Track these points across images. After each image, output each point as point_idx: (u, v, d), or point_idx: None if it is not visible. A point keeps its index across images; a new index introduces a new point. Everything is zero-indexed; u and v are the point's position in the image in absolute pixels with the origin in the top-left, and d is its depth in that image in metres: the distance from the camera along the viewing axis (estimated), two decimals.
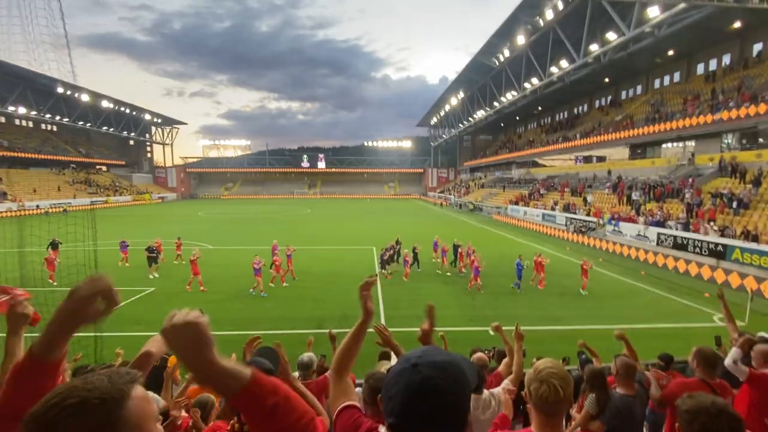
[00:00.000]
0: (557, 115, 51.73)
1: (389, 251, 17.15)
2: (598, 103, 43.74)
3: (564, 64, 32.16)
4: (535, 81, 37.45)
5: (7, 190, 44.89)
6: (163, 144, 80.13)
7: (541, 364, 1.59)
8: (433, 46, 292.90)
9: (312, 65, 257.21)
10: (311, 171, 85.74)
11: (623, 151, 36.68)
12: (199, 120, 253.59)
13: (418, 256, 17.59)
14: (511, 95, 43.30)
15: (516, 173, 54.19)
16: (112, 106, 59.60)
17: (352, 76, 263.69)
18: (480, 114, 54.46)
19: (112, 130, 64.49)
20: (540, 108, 52.35)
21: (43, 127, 60.33)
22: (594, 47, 28.17)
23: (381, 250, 17.21)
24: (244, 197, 77.35)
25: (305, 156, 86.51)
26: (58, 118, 54.91)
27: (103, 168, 69.05)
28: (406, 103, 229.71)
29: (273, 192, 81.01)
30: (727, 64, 28.36)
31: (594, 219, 25.88)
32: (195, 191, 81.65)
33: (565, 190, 35.12)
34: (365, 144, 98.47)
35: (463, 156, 76.91)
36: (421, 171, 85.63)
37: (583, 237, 25.43)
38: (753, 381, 3.04)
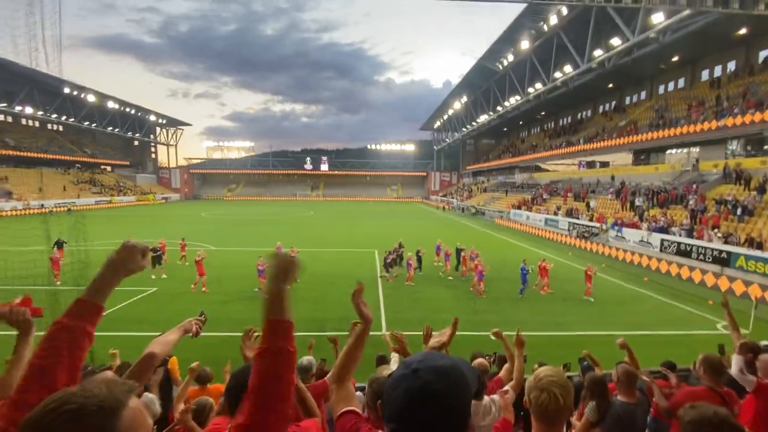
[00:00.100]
0: (561, 120, 51.68)
1: (392, 254, 17.12)
2: (602, 109, 43.68)
3: (568, 69, 32.16)
4: (538, 86, 37.45)
5: (13, 190, 45.23)
6: (167, 145, 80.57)
7: (542, 371, 1.57)
8: (437, 50, 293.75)
9: (316, 68, 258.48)
10: (314, 173, 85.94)
11: (627, 157, 36.60)
12: (204, 121, 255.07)
13: (422, 259, 17.56)
14: (514, 100, 43.33)
15: (519, 178, 54.11)
16: (117, 106, 60.06)
17: (356, 79, 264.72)
18: (483, 118, 54.50)
19: (117, 130, 65.00)
20: (543, 113, 52.34)
21: (49, 127, 60.82)
22: (598, 52, 28.16)
23: (385, 253, 17.18)
24: (247, 198, 77.59)
25: (308, 158, 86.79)
26: (64, 118, 55.37)
27: (108, 168, 69.57)
28: (409, 107, 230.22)
29: (276, 194, 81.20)
30: (732, 70, 28.29)
31: (597, 224, 25.79)
32: (198, 192, 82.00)
33: (568, 195, 35.03)
34: (368, 147, 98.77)
35: (466, 160, 76.89)
36: (424, 174, 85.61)
37: (585, 242, 25.35)
38: (760, 391, 3.00)
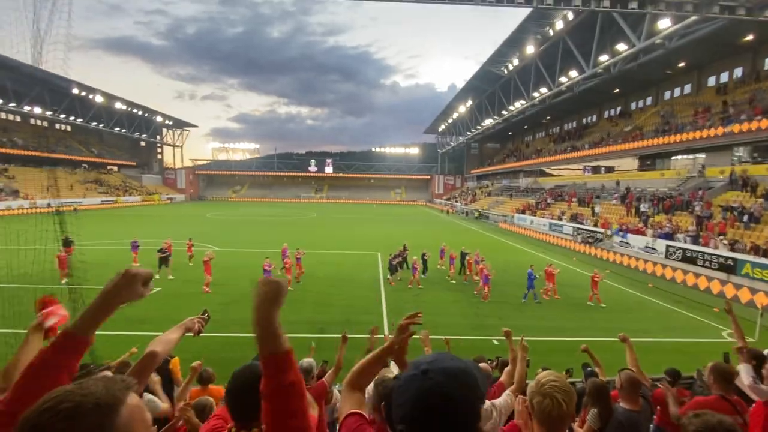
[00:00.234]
0: (566, 125, 51.54)
1: (397, 258, 17.03)
2: (607, 114, 43.54)
3: (573, 74, 32.10)
4: (543, 90, 37.42)
5: (20, 188, 45.70)
6: (173, 146, 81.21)
7: (544, 376, 1.56)
8: (443, 53, 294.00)
9: (322, 71, 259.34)
10: (318, 175, 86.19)
11: (632, 162, 36.38)
12: (210, 123, 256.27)
13: (427, 263, 17.50)
14: (519, 104, 43.29)
15: (523, 182, 53.96)
16: (124, 107, 60.63)
17: (362, 82, 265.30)
18: (488, 122, 54.48)
19: (124, 131, 65.60)
20: (548, 117, 52.22)
21: (57, 127, 61.45)
22: (604, 58, 28.09)
23: (390, 255, 17.13)
24: (252, 200, 77.91)
25: (313, 160, 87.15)
26: (72, 118, 55.98)
27: (114, 168, 70.10)
28: (414, 110, 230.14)
29: (280, 195, 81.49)
30: (738, 77, 28.12)
31: (602, 230, 25.64)
32: (203, 193, 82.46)
33: (573, 200, 34.87)
34: (373, 150, 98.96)
35: (470, 163, 76.81)
36: (428, 177, 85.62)
37: (590, 248, 25.20)
38: None
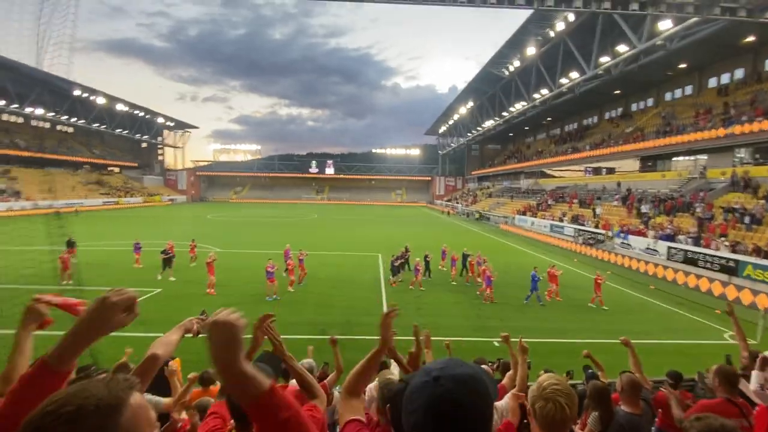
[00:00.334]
0: (567, 126, 51.53)
1: (400, 259, 17.01)
2: (608, 115, 43.51)
3: (574, 75, 32.08)
4: (544, 91, 37.40)
5: (22, 190, 45.81)
6: (174, 147, 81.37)
7: (545, 380, 1.55)
8: (443, 55, 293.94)
9: (323, 73, 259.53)
10: (319, 177, 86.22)
11: (633, 164, 36.38)
12: (211, 124, 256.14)
13: (429, 264, 17.49)
14: (520, 105, 43.28)
15: (524, 183, 53.94)
16: (126, 109, 60.77)
17: (363, 84, 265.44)
18: (489, 123, 54.48)
19: (125, 132, 65.74)
20: (549, 118, 52.22)
21: (59, 128, 61.61)
22: (605, 59, 28.08)
23: (392, 257, 17.12)
24: (253, 201, 77.99)
25: (314, 162, 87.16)
26: (74, 119, 56.10)
27: (116, 169, 70.24)
28: (415, 111, 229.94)
29: (281, 196, 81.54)
30: (739, 78, 28.10)
31: (603, 231, 25.60)
32: (204, 194, 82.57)
33: (574, 201, 34.84)
34: (373, 151, 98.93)
35: (471, 165, 76.80)
36: (429, 179, 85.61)
37: (591, 249, 25.16)
38: None
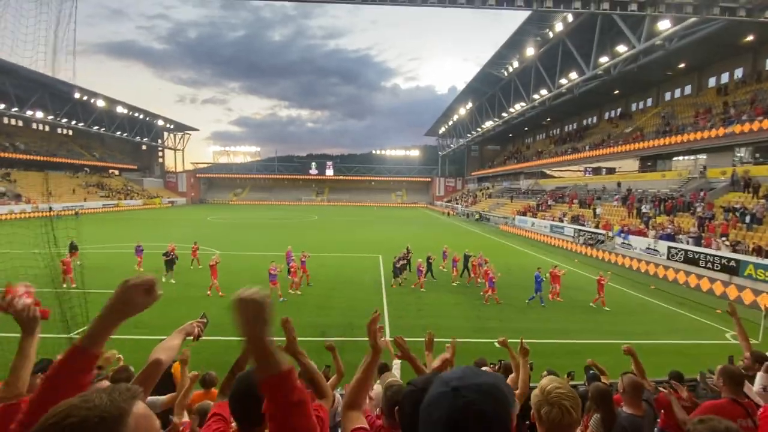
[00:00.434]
0: (566, 127, 51.56)
1: (402, 260, 16.93)
2: (607, 115, 43.54)
3: (573, 75, 32.12)
4: (544, 92, 37.44)
5: (22, 192, 45.83)
6: (174, 149, 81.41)
7: (548, 384, 1.54)
8: (443, 56, 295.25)
9: (322, 74, 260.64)
10: (319, 178, 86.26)
11: (633, 164, 36.38)
12: (211, 126, 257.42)
13: (431, 265, 17.45)
14: (519, 106, 43.33)
15: (524, 184, 53.95)
16: (126, 111, 60.81)
17: (362, 85, 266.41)
18: (488, 124, 54.52)
19: (125, 135, 65.79)
20: (549, 119, 52.26)
21: (59, 131, 61.67)
22: (604, 59, 28.12)
23: (393, 258, 17.08)
24: (253, 203, 78.01)
25: (314, 163, 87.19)
26: (74, 122, 56.17)
27: (116, 172, 70.26)
28: (414, 113, 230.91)
29: (281, 198, 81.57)
30: (739, 77, 28.12)
31: (603, 231, 25.59)
32: (204, 196, 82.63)
33: (574, 201, 34.83)
34: (373, 152, 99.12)
35: (471, 165, 76.83)
36: (429, 180, 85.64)
37: (591, 249, 25.14)
38: None
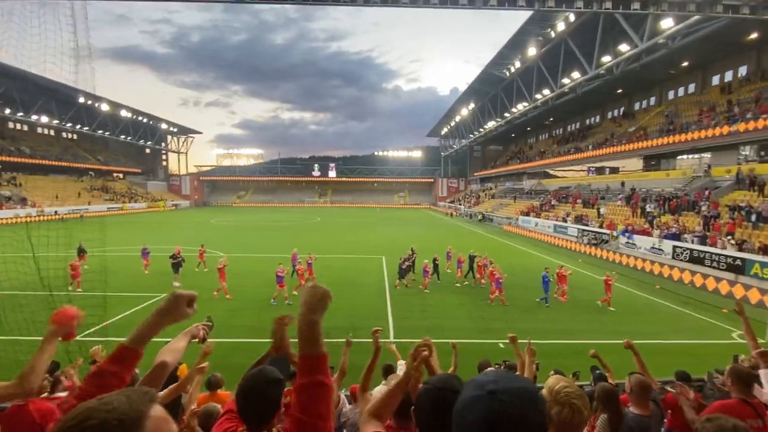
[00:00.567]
0: (569, 126, 51.41)
1: (407, 261, 16.87)
2: (610, 114, 43.38)
3: (576, 75, 32.05)
4: (546, 92, 37.37)
5: (28, 196, 46.20)
6: (178, 152, 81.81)
7: (555, 384, 1.54)
8: (445, 57, 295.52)
9: (324, 77, 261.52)
10: (322, 180, 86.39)
11: (637, 163, 36.20)
12: (214, 129, 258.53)
13: (438, 266, 17.41)
14: (522, 106, 43.27)
15: (527, 184, 53.80)
16: (130, 115, 61.26)
17: (364, 87, 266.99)
18: (491, 124, 54.46)
19: (129, 138, 66.24)
20: (551, 119, 52.13)
21: (64, 135, 62.17)
22: (606, 59, 28.04)
23: (399, 259, 17.05)
24: (256, 205, 78.23)
25: (316, 165, 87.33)
26: (79, 126, 56.60)
27: (120, 175, 70.68)
28: (416, 114, 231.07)
29: (284, 200, 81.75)
30: (743, 75, 27.94)
31: (607, 231, 25.48)
32: (208, 199, 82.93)
33: (577, 201, 34.70)
34: (375, 153, 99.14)
35: (474, 166, 76.74)
36: (431, 181, 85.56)
37: (595, 249, 25.02)
38: None
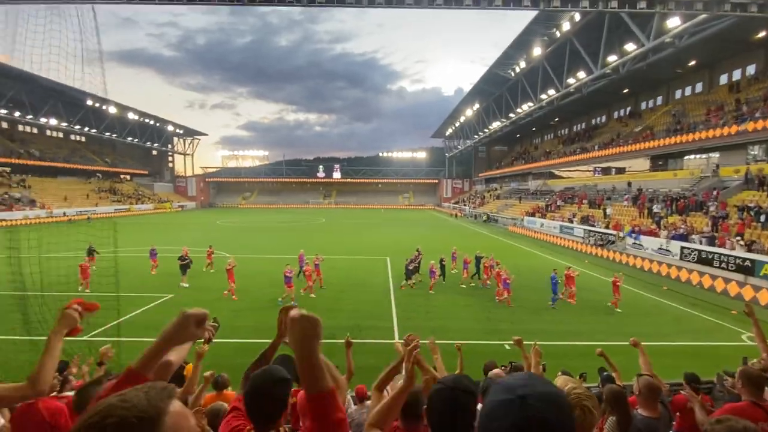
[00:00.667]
0: (575, 126, 51.09)
1: (413, 262, 16.85)
2: (616, 114, 43.07)
3: (581, 74, 31.84)
4: (551, 92, 37.16)
5: (37, 198, 46.77)
6: (184, 154, 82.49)
7: (563, 385, 1.54)
8: (449, 58, 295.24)
9: (329, 78, 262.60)
10: (327, 181, 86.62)
11: (644, 163, 35.90)
12: (219, 131, 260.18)
13: (445, 267, 17.37)
14: (527, 106, 43.05)
15: (532, 184, 53.52)
16: (137, 117, 61.84)
17: (369, 88, 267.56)
18: (495, 125, 54.27)
19: (136, 140, 66.89)
20: (557, 119, 51.84)
21: (72, 137, 62.89)
22: (612, 58, 27.81)
23: (406, 260, 17.01)
24: (261, 206, 78.61)
25: (321, 166, 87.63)
26: (87, 129, 57.26)
27: (127, 177, 71.36)
28: (421, 115, 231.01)
29: (289, 201, 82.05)
30: (751, 74, 27.60)
31: (613, 232, 25.27)
32: (213, 200, 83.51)
33: (583, 202, 34.47)
34: (380, 155, 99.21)
35: (478, 167, 76.50)
36: (436, 181, 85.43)
37: (602, 250, 24.83)
38: None
